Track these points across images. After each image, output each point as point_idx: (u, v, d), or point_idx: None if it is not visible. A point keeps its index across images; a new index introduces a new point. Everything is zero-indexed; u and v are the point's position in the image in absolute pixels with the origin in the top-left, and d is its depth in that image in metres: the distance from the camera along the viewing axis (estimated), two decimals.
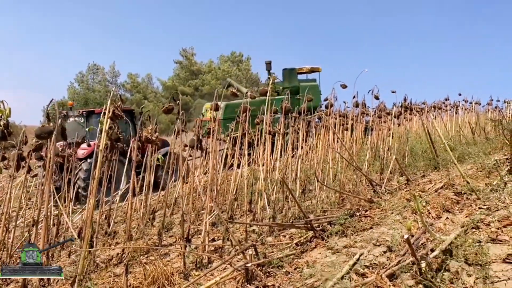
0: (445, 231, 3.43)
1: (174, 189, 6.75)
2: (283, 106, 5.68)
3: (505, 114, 12.55)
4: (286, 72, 15.10)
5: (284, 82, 14.85)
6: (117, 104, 3.20)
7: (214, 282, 3.10)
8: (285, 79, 14.94)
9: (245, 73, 42.41)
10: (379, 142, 7.19)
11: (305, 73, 15.93)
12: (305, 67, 15.81)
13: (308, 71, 15.92)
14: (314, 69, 15.93)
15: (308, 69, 15.84)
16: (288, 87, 14.08)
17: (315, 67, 15.94)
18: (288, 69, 15.15)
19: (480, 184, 4.64)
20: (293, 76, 14.98)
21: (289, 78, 14.87)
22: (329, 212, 4.91)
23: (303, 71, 15.78)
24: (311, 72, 16.01)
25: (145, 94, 41.45)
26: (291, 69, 15.16)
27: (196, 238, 4.95)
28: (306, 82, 15.18)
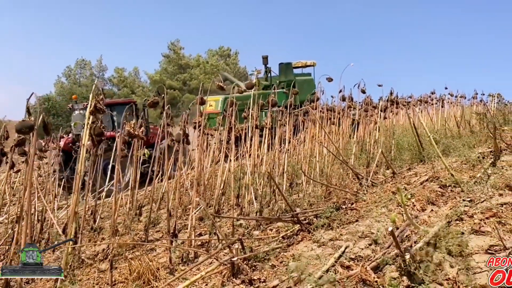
0: (429, 223, 3.46)
1: (161, 184, 6.72)
2: (269, 100, 5.67)
3: (489, 107, 12.72)
4: (282, 66, 15.48)
5: (281, 76, 15.23)
6: (99, 98, 3.15)
7: (199, 276, 3.10)
8: (282, 73, 15.33)
9: (233, 67, 42.27)
10: (366, 136, 7.22)
11: (300, 67, 16.29)
12: (300, 61, 16.17)
13: (303, 66, 16.27)
14: (309, 63, 16.29)
15: (303, 63, 16.21)
16: (284, 81, 14.65)
17: (310, 62, 16.29)
18: (284, 63, 15.50)
19: (465, 176, 4.69)
20: (289, 70, 15.35)
21: (285, 72, 15.24)
22: (316, 205, 4.93)
23: (298, 66, 16.14)
24: (306, 66, 16.36)
25: (133, 89, 41.05)
26: (287, 63, 15.51)
27: (183, 233, 4.93)
28: (302, 76, 15.60)
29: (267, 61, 15.12)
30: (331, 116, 7.44)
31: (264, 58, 15.10)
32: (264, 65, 15.21)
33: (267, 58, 15.11)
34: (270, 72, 15.12)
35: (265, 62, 15.17)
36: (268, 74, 15.11)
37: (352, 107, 7.59)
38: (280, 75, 15.38)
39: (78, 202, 3.82)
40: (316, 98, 6.69)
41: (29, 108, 2.94)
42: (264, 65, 15.22)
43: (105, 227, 5.61)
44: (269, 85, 13.96)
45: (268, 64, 15.12)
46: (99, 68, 43.77)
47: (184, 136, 4.19)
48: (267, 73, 15.17)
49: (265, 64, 15.20)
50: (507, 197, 3.67)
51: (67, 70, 42.26)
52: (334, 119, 7.30)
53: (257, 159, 5.92)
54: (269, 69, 15.13)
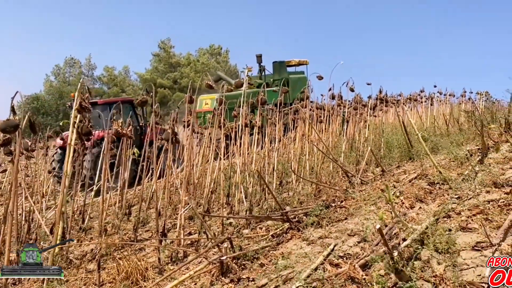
0: (417, 221, 3.48)
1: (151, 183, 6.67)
2: (258, 98, 5.66)
3: (477, 105, 12.85)
4: (276, 65, 15.58)
5: (275, 75, 15.38)
6: (85, 96, 3.11)
7: (188, 276, 3.08)
8: (276, 72, 15.45)
9: (223, 66, 42.16)
10: (355, 134, 7.25)
11: (294, 65, 16.42)
12: (293, 60, 16.30)
13: (296, 64, 16.42)
14: (302, 62, 16.43)
15: (296, 62, 16.34)
16: (278, 79, 14.80)
17: (303, 60, 16.43)
18: (278, 62, 15.63)
19: (453, 174, 4.73)
20: (283, 69, 15.46)
21: (279, 70, 15.36)
22: (306, 203, 4.93)
23: (291, 64, 16.26)
24: (299, 65, 16.52)
25: (123, 87, 40.78)
26: (281, 62, 15.64)
27: (173, 232, 4.90)
28: (295, 75, 15.73)
29: (261, 60, 15.25)
30: (321, 114, 7.45)
31: (258, 56, 15.24)
32: (258, 63, 15.31)
33: (261, 56, 15.27)
34: (264, 70, 15.29)
35: (259, 61, 15.28)
36: (262, 72, 15.28)
37: (341, 106, 7.61)
38: (274, 73, 15.52)
39: (65, 202, 3.78)
40: (306, 96, 6.69)
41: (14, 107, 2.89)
42: (258, 64, 15.33)
43: (94, 227, 5.56)
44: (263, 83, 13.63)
45: (262, 62, 15.27)
46: (88, 66, 43.45)
47: (173, 134, 4.16)
48: (261, 71, 15.33)
49: (259, 63, 15.31)
50: (494, 194, 3.71)
51: (56, 69, 41.92)
52: (324, 117, 7.31)
53: (247, 157, 5.91)
54: (263, 68, 15.29)
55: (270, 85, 13.98)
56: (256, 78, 15.15)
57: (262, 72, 15.29)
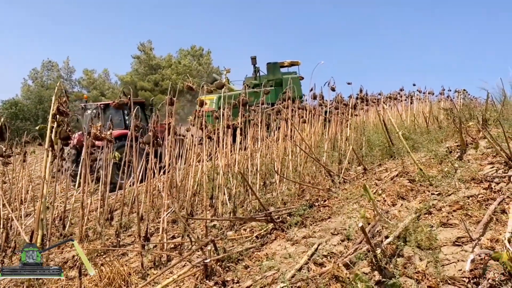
0: (399, 218, 3.52)
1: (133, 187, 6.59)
2: (240, 99, 5.65)
3: (456, 103, 13.09)
4: (270, 65, 16.24)
5: (269, 75, 15.99)
6: (62, 100, 3.05)
7: (171, 280, 3.04)
8: (269, 72, 16.11)
9: (206, 67, 42.00)
10: (337, 133, 7.30)
11: (286, 66, 17.06)
12: (285, 61, 16.95)
13: (288, 65, 17.07)
14: (294, 62, 17.08)
15: (288, 63, 17.01)
16: (272, 79, 15.46)
17: (295, 61, 17.08)
18: (271, 63, 16.28)
19: (433, 171, 4.80)
20: (277, 70, 16.11)
21: (273, 71, 16.01)
22: (289, 203, 4.93)
23: (284, 65, 16.91)
24: (292, 65, 17.16)
25: (102, 91, 40.23)
26: (274, 63, 16.29)
27: (156, 237, 4.85)
28: (288, 75, 16.12)
29: (255, 61, 16.08)
30: (303, 114, 7.48)
31: (253, 58, 16.04)
32: (253, 65, 16.16)
33: (255, 58, 16.04)
34: (258, 71, 16.10)
35: (253, 62, 16.07)
36: (257, 73, 16.08)
37: (323, 105, 7.65)
38: (268, 74, 16.13)
39: (45, 208, 3.70)
40: (287, 97, 6.71)
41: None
42: (253, 65, 16.14)
43: (75, 233, 5.46)
44: (259, 84, 14.91)
45: (256, 64, 16.09)
46: (67, 70, 42.70)
47: (153, 138, 4.11)
48: (255, 72, 16.12)
49: (253, 64, 16.11)
50: (473, 190, 3.77)
51: (33, 73, 41.06)
52: (306, 117, 7.34)
53: (230, 159, 5.89)
54: (257, 69, 16.09)
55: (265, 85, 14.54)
56: (252, 79, 15.91)
57: (257, 73, 16.06)
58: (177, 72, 37.88)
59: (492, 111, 7.42)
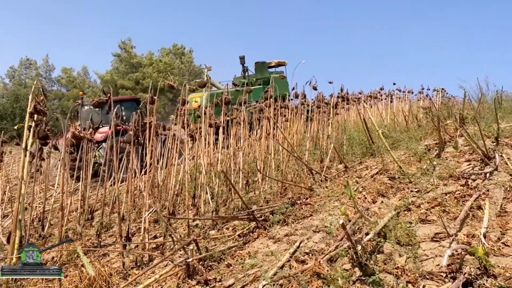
0: (379, 215, 3.57)
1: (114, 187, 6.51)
2: (223, 98, 5.64)
3: (434, 101, 13.33)
4: (258, 65, 16.87)
5: (257, 74, 16.63)
6: (39, 98, 2.99)
7: (153, 279, 3.02)
8: (258, 72, 16.71)
9: (188, 66, 41.75)
10: (319, 132, 7.35)
11: (273, 66, 17.71)
12: (273, 61, 17.64)
13: (276, 65, 17.74)
14: (281, 63, 17.81)
15: (276, 63, 17.70)
16: (260, 78, 16.13)
17: (282, 61, 17.80)
18: (260, 62, 16.93)
19: (412, 168, 4.88)
20: (265, 69, 16.76)
21: (261, 70, 16.62)
22: (272, 202, 4.95)
23: (271, 65, 17.55)
24: (279, 65, 17.84)
25: (82, 89, 39.57)
26: (262, 62, 16.96)
27: (137, 237, 4.80)
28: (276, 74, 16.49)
29: (244, 61, 16.63)
30: (285, 113, 7.51)
31: (241, 58, 16.58)
32: (241, 64, 16.70)
33: (244, 58, 16.63)
34: (247, 70, 16.70)
35: (242, 62, 16.62)
36: (246, 72, 16.69)
37: (305, 104, 7.70)
38: (256, 73, 16.66)
39: (23, 209, 3.62)
40: (269, 96, 6.73)
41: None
42: (242, 64, 16.68)
43: (55, 234, 5.37)
44: (247, 82, 15.37)
45: (245, 63, 16.66)
46: (46, 68, 41.85)
47: (134, 137, 4.07)
48: (244, 71, 16.71)
49: (242, 64, 16.66)
50: (451, 187, 3.86)
51: (11, 71, 40.13)
52: (288, 115, 7.37)
53: (213, 157, 5.88)
54: (246, 68, 16.67)
55: (253, 84, 15.48)
56: (240, 78, 16.45)
57: (246, 72, 16.66)
58: (158, 71, 37.55)
59: (469, 110, 7.60)
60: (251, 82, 15.96)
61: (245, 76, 16.67)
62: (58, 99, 38.87)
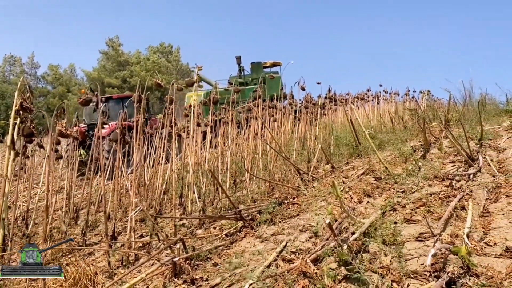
0: (365, 215, 3.61)
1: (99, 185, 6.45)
2: (211, 97, 5.64)
3: (420, 104, 13.50)
4: (254, 65, 17.35)
5: (252, 74, 17.07)
6: (26, 96, 2.95)
7: (139, 278, 3.01)
8: (253, 72, 17.18)
9: (175, 65, 41.55)
10: (306, 132, 7.39)
11: (268, 67, 18.12)
12: (268, 61, 18.04)
13: (271, 65, 18.15)
14: (276, 63, 18.18)
15: (271, 63, 18.11)
16: (256, 78, 16.30)
17: (277, 62, 18.18)
18: (255, 62, 17.37)
19: (398, 169, 4.95)
20: (260, 69, 17.18)
21: (256, 70, 17.08)
22: (259, 201, 4.96)
23: (266, 65, 17.94)
24: (274, 66, 18.25)
25: (69, 87, 39.08)
26: (258, 62, 17.38)
27: (123, 236, 4.77)
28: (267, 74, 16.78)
29: (240, 61, 17.00)
30: (273, 113, 7.53)
31: (237, 58, 16.94)
32: (237, 64, 17.10)
33: (240, 58, 16.99)
34: (243, 70, 17.12)
35: (238, 62, 17.00)
36: (242, 72, 17.11)
37: (293, 104, 7.73)
38: (252, 73, 17.09)
39: (6, 207, 3.57)
40: (258, 95, 6.75)
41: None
42: (238, 64, 17.09)
43: (39, 233, 5.30)
44: (243, 82, 16.04)
45: (241, 63, 17.06)
46: (31, 65, 41.28)
47: (121, 135, 4.04)
48: (240, 71, 17.14)
49: (238, 64, 17.06)
50: (435, 187, 3.92)
51: None
52: (276, 115, 7.40)
53: (200, 157, 5.86)
54: (242, 68, 17.09)
55: (249, 83, 16.04)
56: (236, 77, 16.89)
57: (242, 72, 17.08)
58: (146, 69, 37.29)
59: (454, 112, 7.72)
60: (246, 82, 16.35)
61: (241, 75, 17.03)
62: (43, 96, 38.33)
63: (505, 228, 2.82)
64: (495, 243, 2.64)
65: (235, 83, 15.18)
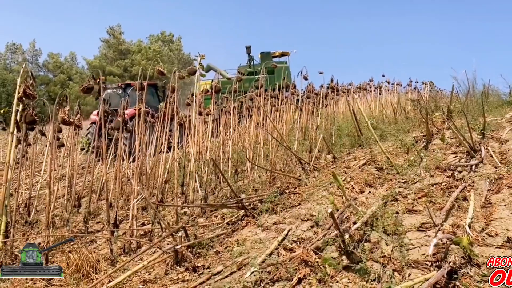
0: (367, 205, 3.62)
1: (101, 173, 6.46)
2: (213, 86, 5.62)
3: (423, 94, 13.46)
4: (263, 55, 17.59)
5: (262, 64, 17.05)
6: (29, 83, 2.94)
7: (141, 266, 3.03)
8: (263, 61, 17.26)
9: (176, 53, 41.36)
10: (308, 122, 7.38)
11: (277, 56, 18.67)
12: (277, 51, 18.58)
13: (279, 55, 18.71)
14: (284, 53, 18.71)
15: (279, 53, 18.70)
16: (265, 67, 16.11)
17: (285, 52, 18.68)
18: (264, 52, 17.70)
19: (400, 159, 4.94)
20: (269, 58, 17.31)
21: (265, 60, 17.11)
22: (261, 191, 4.97)
23: (275, 55, 18.45)
24: (282, 55, 18.79)
25: (70, 75, 38.97)
26: (267, 52, 17.72)
27: (125, 223, 4.79)
28: (280, 64, 17.38)
29: (250, 51, 17.52)
30: (275, 103, 7.51)
31: (247, 48, 17.45)
32: (247, 54, 17.61)
33: (250, 48, 17.49)
34: (253, 60, 17.63)
35: (248, 51, 17.51)
36: (251, 62, 17.63)
37: (295, 94, 7.71)
38: (261, 63, 17.15)
39: (8, 194, 3.59)
40: (260, 85, 6.73)
41: None
42: (248, 54, 17.59)
43: (41, 220, 5.33)
44: (253, 71, 16.42)
45: (251, 53, 17.55)
46: (32, 52, 41.09)
47: (123, 124, 4.03)
48: (250, 61, 17.64)
49: (248, 53, 17.56)
50: (437, 178, 3.92)
51: None
52: (278, 105, 7.37)
53: (202, 146, 5.86)
54: (252, 58, 17.59)
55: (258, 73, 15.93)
56: (246, 67, 17.37)
57: (251, 61, 17.58)
58: (147, 58, 37.12)
59: (457, 103, 7.69)
60: (256, 72, 16.53)
61: (250, 65, 17.38)
62: (45, 84, 38.25)
63: (507, 219, 2.82)
64: (496, 234, 2.65)
65: (244, 72, 15.51)
